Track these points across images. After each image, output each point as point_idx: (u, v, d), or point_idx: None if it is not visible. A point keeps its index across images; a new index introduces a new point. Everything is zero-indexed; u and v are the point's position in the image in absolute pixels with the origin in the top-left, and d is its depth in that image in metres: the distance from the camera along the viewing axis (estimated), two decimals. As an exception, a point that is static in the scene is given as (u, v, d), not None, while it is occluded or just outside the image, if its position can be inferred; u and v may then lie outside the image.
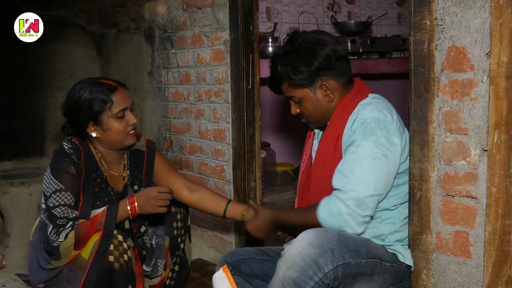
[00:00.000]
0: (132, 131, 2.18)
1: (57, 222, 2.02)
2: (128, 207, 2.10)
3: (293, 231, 2.03)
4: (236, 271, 2.09)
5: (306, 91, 1.96)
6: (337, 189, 1.82)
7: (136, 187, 2.28)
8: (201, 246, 3.17)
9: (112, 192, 2.20)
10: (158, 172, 2.35)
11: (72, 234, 2.01)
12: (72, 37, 4.23)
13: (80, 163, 2.11)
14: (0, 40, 3.32)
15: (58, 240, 2.01)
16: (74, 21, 4.23)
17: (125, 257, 2.02)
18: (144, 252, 2.23)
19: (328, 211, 1.80)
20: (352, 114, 1.91)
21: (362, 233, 1.83)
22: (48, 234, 2.03)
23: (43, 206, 2.11)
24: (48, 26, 4.04)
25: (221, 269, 1.96)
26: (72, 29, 4.23)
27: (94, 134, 2.15)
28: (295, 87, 1.96)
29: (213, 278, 1.97)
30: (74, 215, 2.05)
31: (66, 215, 2.03)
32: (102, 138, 2.16)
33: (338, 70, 1.96)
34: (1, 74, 3.92)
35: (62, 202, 2.04)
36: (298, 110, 2.03)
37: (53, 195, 2.05)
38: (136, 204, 2.10)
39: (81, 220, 2.05)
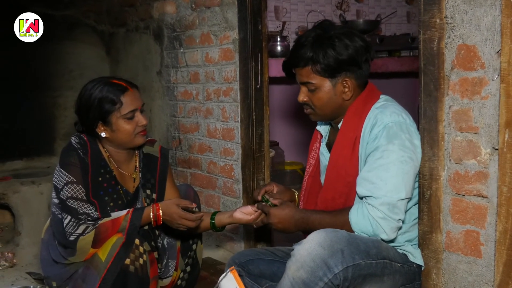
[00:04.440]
0: (142, 132, 2.19)
1: (78, 216, 2.02)
2: (152, 214, 2.08)
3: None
4: (244, 271, 2.08)
5: (326, 81, 1.90)
6: (365, 197, 1.80)
7: (148, 191, 2.28)
8: (210, 245, 3.17)
9: (121, 191, 2.20)
10: None
11: (92, 232, 2.01)
12: (81, 36, 4.25)
13: (86, 158, 2.13)
14: (10, 40, 3.34)
15: (77, 231, 2.01)
16: (83, 20, 4.25)
17: (141, 260, 2.02)
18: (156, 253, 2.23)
19: (361, 215, 1.79)
20: (367, 118, 1.89)
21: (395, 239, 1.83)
22: (65, 226, 2.02)
23: (55, 200, 2.12)
24: (57, 25, 4.07)
25: (228, 270, 1.96)
26: (81, 28, 4.25)
27: (103, 134, 2.16)
28: (317, 74, 1.89)
29: (219, 279, 1.96)
30: (95, 215, 2.05)
31: (86, 211, 2.04)
32: (111, 138, 2.17)
33: (363, 72, 1.93)
34: (10, 73, 3.95)
35: (75, 195, 2.05)
36: (306, 99, 1.96)
37: (65, 187, 2.06)
38: (161, 213, 2.09)
39: (104, 220, 2.05)
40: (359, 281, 1.71)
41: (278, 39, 3.86)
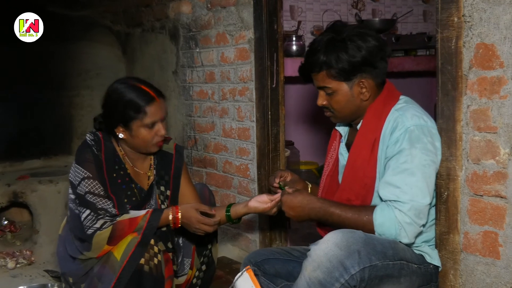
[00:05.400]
0: (159, 143, 2.20)
1: (97, 210, 2.04)
2: (170, 217, 2.10)
3: (328, 226, 1.92)
4: (260, 271, 2.08)
5: (342, 84, 1.90)
6: (391, 201, 1.77)
7: (162, 188, 2.29)
8: (226, 244, 3.18)
9: (135, 188, 2.22)
10: None
11: (109, 228, 2.03)
12: (98, 36, 4.29)
13: (100, 155, 2.15)
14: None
15: (95, 225, 2.03)
16: (99, 21, 4.28)
17: (155, 260, 2.03)
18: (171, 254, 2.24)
19: (388, 218, 1.76)
20: (387, 120, 1.87)
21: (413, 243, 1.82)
22: (83, 220, 2.04)
23: (72, 196, 2.14)
24: (74, 26, 4.10)
25: (244, 269, 1.96)
26: (98, 29, 4.28)
27: (121, 136, 2.17)
28: (332, 78, 1.89)
29: (235, 279, 1.96)
30: (113, 211, 2.07)
31: (105, 206, 2.06)
32: (128, 141, 2.19)
33: (379, 70, 1.91)
34: (28, 74, 3.99)
35: (92, 190, 2.07)
36: (325, 102, 1.96)
37: (82, 182, 2.09)
38: (180, 215, 2.10)
39: (122, 218, 2.06)
40: (376, 282, 1.70)
41: (294, 38, 3.85)
